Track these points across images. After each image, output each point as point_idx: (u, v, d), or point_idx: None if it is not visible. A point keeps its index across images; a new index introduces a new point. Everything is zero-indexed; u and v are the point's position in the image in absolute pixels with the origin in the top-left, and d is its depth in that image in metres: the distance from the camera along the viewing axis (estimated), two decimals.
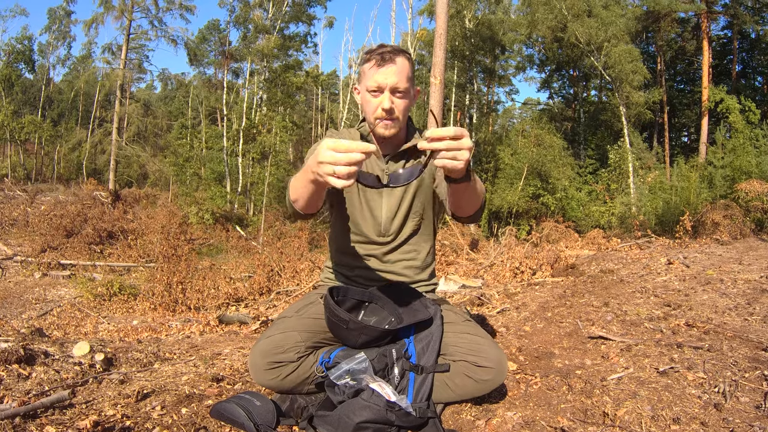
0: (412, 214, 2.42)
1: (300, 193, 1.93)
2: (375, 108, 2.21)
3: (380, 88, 2.18)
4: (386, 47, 2.21)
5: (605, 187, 26.72)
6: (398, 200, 2.39)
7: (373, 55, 2.20)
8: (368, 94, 2.22)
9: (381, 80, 2.16)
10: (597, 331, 3.32)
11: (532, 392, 2.40)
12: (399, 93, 2.20)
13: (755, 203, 12.66)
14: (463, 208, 2.08)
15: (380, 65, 2.17)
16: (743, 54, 35.00)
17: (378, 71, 2.17)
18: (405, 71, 2.20)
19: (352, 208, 2.42)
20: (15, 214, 18.96)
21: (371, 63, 2.20)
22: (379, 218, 2.40)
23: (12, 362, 2.68)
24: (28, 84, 45.56)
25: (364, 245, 2.45)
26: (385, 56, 2.17)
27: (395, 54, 2.19)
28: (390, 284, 2.38)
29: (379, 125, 2.24)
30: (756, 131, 18.57)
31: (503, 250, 9.79)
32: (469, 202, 2.02)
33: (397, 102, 2.21)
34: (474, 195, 1.98)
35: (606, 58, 28.45)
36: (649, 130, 34.90)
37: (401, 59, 2.19)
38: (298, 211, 2.04)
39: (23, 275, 12.34)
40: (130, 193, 26.30)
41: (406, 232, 2.44)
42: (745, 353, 2.70)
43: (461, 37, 30.66)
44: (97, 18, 32.33)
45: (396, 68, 2.17)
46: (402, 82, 2.19)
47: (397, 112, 2.22)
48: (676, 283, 4.88)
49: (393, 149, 2.37)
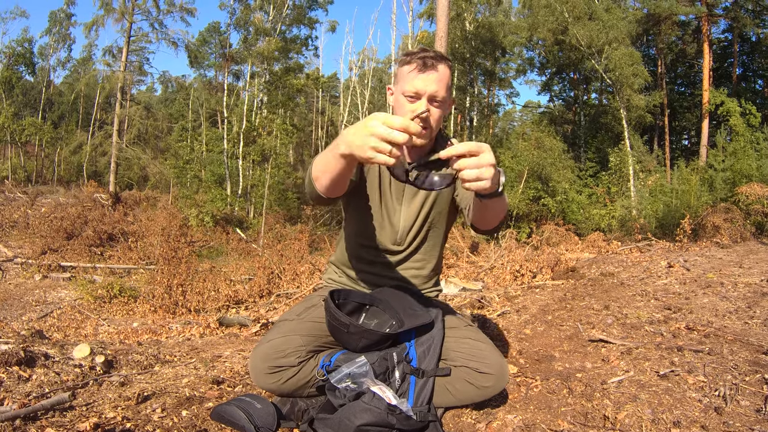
0: (427, 225, 2.39)
1: (327, 171, 1.85)
2: (410, 113, 2.11)
3: (418, 95, 2.12)
4: (429, 52, 2.14)
5: (605, 190, 26.69)
6: (417, 210, 2.36)
7: (414, 58, 2.13)
8: (403, 98, 2.16)
9: (420, 87, 2.10)
10: (597, 334, 3.32)
11: (533, 395, 2.40)
12: (437, 102, 2.14)
13: (756, 207, 12.67)
14: (487, 222, 2.05)
15: (421, 71, 2.10)
16: (744, 57, 35.00)
17: (418, 77, 2.10)
18: (446, 80, 2.14)
19: (368, 215, 2.38)
20: (15, 216, 18.95)
21: (412, 66, 2.13)
22: (396, 226, 2.37)
23: (12, 364, 2.69)
24: (28, 86, 45.58)
25: (376, 251, 2.43)
26: (428, 62, 2.10)
27: (438, 61, 2.12)
28: (392, 287, 2.37)
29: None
30: (757, 134, 18.61)
31: (503, 253, 9.79)
32: (494, 216, 2.00)
33: (433, 111, 2.15)
34: (500, 210, 1.96)
35: (607, 61, 28.47)
36: (649, 133, 34.92)
37: (443, 67, 2.13)
38: (320, 192, 1.95)
39: (23, 277, 12.34)
40: (130, 196, 26.28)
41: (418, 241, 2.42)
42: (745, 357, 2.70)
43: (462, 40, 30.68)
44: (98, 20, 32.39)
45: (437, 76, 2.11)
46: (441, 91, 2.13)
47: (432, 121, 2.16)
48: (677, 286, 4.88)
49: (419, 157, 2.28)
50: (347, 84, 38.29)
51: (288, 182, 30.63)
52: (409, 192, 2.34)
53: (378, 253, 2.42)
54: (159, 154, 38.74)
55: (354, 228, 2.45)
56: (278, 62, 32.21)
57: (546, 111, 40.79)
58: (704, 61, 30.53)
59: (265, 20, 31.48)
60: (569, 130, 37.05)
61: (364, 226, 2.40)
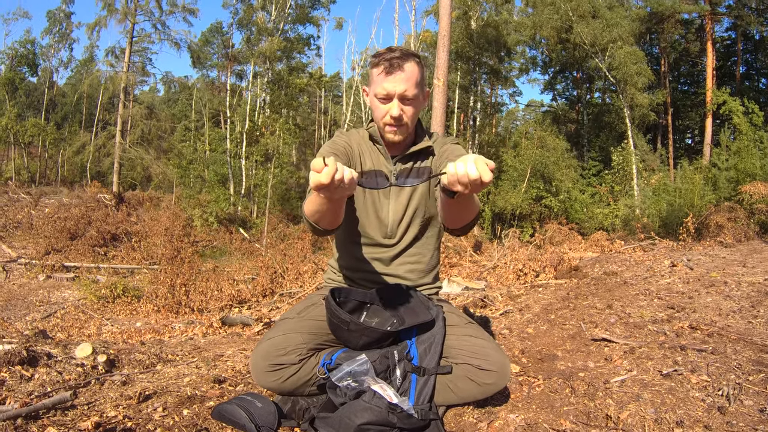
0: (418, 218, 2.40)
1: (321, 213, 1.89)
2: (383, 114, 2.20)
3: (389, 96, 2.16)
4: (395, 52, 2.18)
5: (609, 189, 26.67)
6: (405, 203, 2.38)
7: (381, 60, 2.17)
8: (377, 100, 2.21)
9: (390, 88, 2.15)
10: (600, 334, 3.30)
11: (535, 394, 2.40)
12: (408, 100, 2.18)
13: (759, 206, 12.63)
14: (454, 221, 2.05)
15: (389, 73, 2.14)
16: (747, 55, 34.93)
17: (386, 79, 2.15)
18: (414, 78, 2.17)
19: (358, 212, 2.41)
20: (19, 217, 19.02)
21: (379, 69, 2.17)
22: (385, 220, 2.38)
23: (15, 364, 2.69)
24: (31, 87, 45.65)
25: (370, 247, 2.44)
26: (394, 63, 2.14)
27: (403, 60, 2.15)
28: (392, 286, 2.37)
29: (388, 131, 2.23)
30: (760, 133, 18.54)
31: (506, 252, 9.77)
32: (461, 216, 2.00)
33: (406, 108, 2.20)
34: (468, 211, 1.97)
35: (610, 59, 28.47)
36: (652, 131, 34.92)
37: (410, 65, 2.16)
38: (325, 229, 2.01)
39: (27, 277, 12.37)
40: (133, 196, 26.32)
41: (411, 235, 2.42)
42: (749, 356, 2.68)
43: (466, 39, 30.64)
44: (100, 21, 32.45)
45: (404, 75, 2.14)
46: (410, 90, 2.16)
47: (405, 118, 2.21)
48: (680, 285, 4.86)
49: (401, 151, 2.36)
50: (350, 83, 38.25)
51: (291, 182, 30.68)
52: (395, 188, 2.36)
53: (372, 250, 2.43)
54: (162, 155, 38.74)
55: (346, 228, 2.44)
56: (281, 62, 32.23)
57: (549, 110, 40.79)
58: (707, 60, 30.49)
59: (267, 20, 31.52)
60: (572, 129, 37.05)
61: (355, 224, 2.43)
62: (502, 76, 35.72)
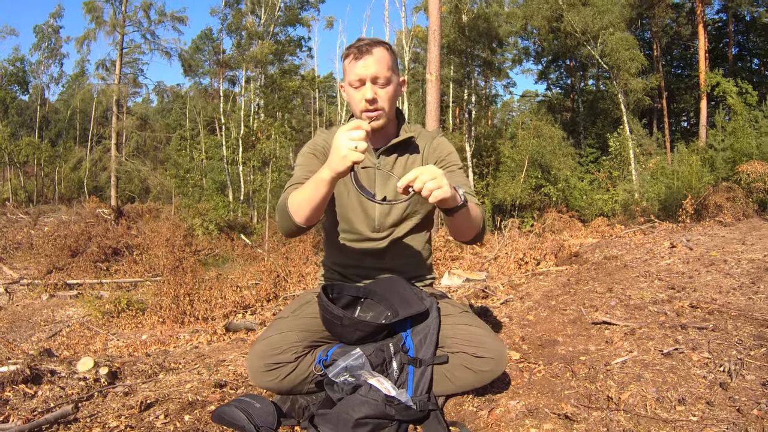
0: (408, 211, 2.40)
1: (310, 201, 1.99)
2: (359, 101, 2.20)
3: (362, 81, 2.17)
4: (363, 40, 2.21)
5: (607, 175, 26.69)
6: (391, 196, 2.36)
7: (351, 50, 2.20)
8: (351, 89, 2.22)
9: (361, 72, 2.16)
10: (601, 317, 3.29)
11: (536, 380, 2.39)
12: (380, 82, 2.19)
13: (757, 184, 12.66)
14: (461, 234, 2.09)
15: (357, 58, 2.16)
16: (739, 37, 34.98)
17: (356, 64, 2.16)
18: (384, 60, 2.19)
19: (344, 208, 2.41)
20: (19, 238, 19.02)
21: (350, 58, 2.19)
22: (372, 214, 2.38)
23: (18, 383, 2.69)
24: (23, 106, 45.70)
25: (359, 243, 2.43)
26: (362, 48, 2.16)
27: (372, 45, 2.18)
28: (385, 279, 2.36)
29: (366, 118, 2.21)
30: (755, 113, 18.58)
31: (507, 242, 9.78)
32: (465, 229, 2.04)
33: (380, 92, 2.20)
34: (469, 222, 2.00)
35: (602, 46, 28.48)
36: (648, 116, 34.93)
37: (378, 49, 2.18)
38: (301, 225, 2.08)
39: (30, 298, 12.35)
40: (132, 209, 26.35)
41: (400, 227, 2.42)
42: (750, 331, 2.68)
43: (458, 32, 30.64)
44: (89, 34, 32.40)
45: (374, 58, 2.16)
46: (382, 71, 2.17)
47: (381, 101, 2.21)
48: (680, 265, 4.85)
49: (384, 142, 2.36)
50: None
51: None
52: (381, 179, 2.37)
53: (362, 245, 2.43)
54: (159, 165, 38.78)
55: (332, 225, 2.48)
56: (273, 65, 32.24)
57: (544, 99, 40.79)
58: (699, 43, 30.44)
59: (257, 24, 31.53)
60: (568, 118, 37.08)
61: (341, 221, 2.44)
62: (496, 68, 35.73)
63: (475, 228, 2.06)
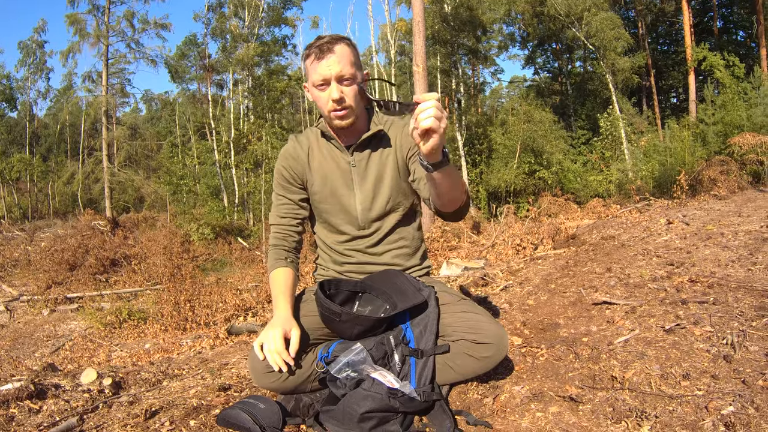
0: (390, 204, 2.39)
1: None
2: (326, 101, 2.19)
3: (326, 81, 2.15)
4: (323, 38, 2.18)
5: (600, 155, 26.75)
6: (371, 191, 2.36)
7: (311, 49, 2.17)
8: (316, 90, 2.20)
9: (325, 72, 2.13)
10: (601, 297, 3.30)
11: (539, 364, 2.39)
12: (346, 80, 2.17)
13: (750, 156, 12.69)
14: (445, 201, 2.02)
15: (320, 58, 2.13)
16: (723, 10, 35.02)
17: (319, 64, 2.14)
18: (346, 57, 2.16)
19: (325, 213, 2.43)
20: (16, 255, 18.93)
21: (311, 58, 2.17)
22: (354, 212, 2.38)
23: (23, 399, 2.68)
24: (12, 123, 45.56)
25: (348, 242, 2.44)
26: (323, 47, 2.14)
27: (333, 43, 2.15)
28: (381, 272, 2.36)
29: (334, 117, 2.22)
30: (743, 85, 18.62)
31: (504, 228, 9.79)
32: (450, 191, 1.97)
33: (346, 90, 2.18)
34: (454, 184, 1.94)
35: (587, 27, 28.47)
36: (637, 94, 34.97)
37: (340, 46, 2.16)
38: None
39: (31, 314, 12.31)
40: (128, 219, 26.24)
41: (388, 223, 2.41)
42: (750, 302, 2.68)
43: (442, 22, 30.59)
44: (74, 47, 32.21)
45: (336, 57, 2.13)
46: (346, 69, 2.15)
47: (348, 100, 2.19)
48: (677, 241, 4.86)
49: (355, 138, 2.35)
50: None
51: None
52: (357, 176, 2.36)
53: (351, 244, 2.44)
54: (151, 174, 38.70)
55: (320, 228, 2.51)
56: (259, 67, 32.17)
57: (532, 84, 40.84)
58: (684, 18, 30.46)
59: (241, 26, 31.44)
60: (557, 101, 37.12)
61: (325, 222, 2.47)
62: (482, 55, 35.67)
63: (460, 196, 2.01)
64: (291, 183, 2.41)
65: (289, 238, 2.43)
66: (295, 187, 2.42)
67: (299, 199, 2.44)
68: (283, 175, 2.42)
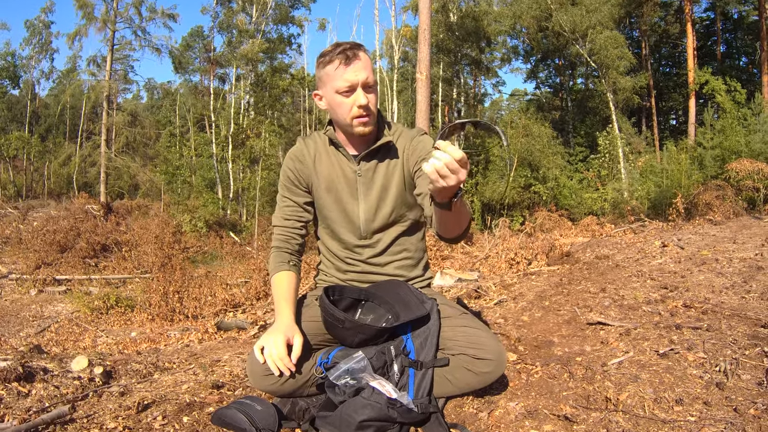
0: (393, 216, 2.38)
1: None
2: (350, 108, 2.17)
3: (353, 87, 2.14)
4: (344, 44, 2.17)
5: (596, 173, 26.79)
6: (375, 201, 2.36)
7: (334, 55, 2.14)
8: (339, 96, 2.17)
9: (352, 78, 2.12)
10: (595, 317, 3.31)
11: (534, 381, 2.40)
12: (370, 87, 2.18)
13: (746, 182, 12.73)
14: (449, 230, 2.01)
15: (347, 64, 2.12)
16: (727, 35, 35.29)
17: (346, 70, 2.12)
18: (370, 65, 2.18)
19: (328, 220, 2.43)
20: (8, 232, 18.83)
21: (336, 64, 2.14)
22: (357, 222, 2.38)
23: (11, 380, 2.66)
24: (13, 100, 45.39)
25: (349, 251, 2.44)
26: (349, 54, 2.12)
27: (356, 49, 2.15)
28: (385, 282, 2.36)
29: (358, 124, 2.21)
30: (743, 111, 18.69)
31: (498, 241, 9.79)
32: (454, 225, 1.97)
33: (370, 97, 2.19)
34: (459, 221, 1.94)
35: (591, 45, 28.58)
36: (637, 114, 35.14)
37: (363, 53, 2.17)
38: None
39: (19, 293, 12.23)
40: (121, 205, 26.08)
41: (388, 232, 2.41)
42: (744, 331, 2.70)
43: (446, 31, 30.66)
44: (80, 30, 32.24)
45: (362, 63, 2.14)
46: (371, 76, 2.17)
47: (371, 107, 2.20)
48: (672, 265, 4.88)
49: (364, 148, 2.33)
50: None
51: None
52: (363, 186, 2.35)
53: (352, 253, 2.45)
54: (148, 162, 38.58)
55: (322, 234, 2.51)
56: (263, 63, 32.14)
57: (533, 98, 40.95)
58: (688, 41, 30.63)
59: (248, 22, 31.42)
60: (557, 116, 37.19)
61: (328, 231, 2.47)
62: (484, 67, 35.77)
63: (465, 224, 2.00)
64: (296, 185, 2.41)
65: (292, 241, 2.42)
66: (300, 189, 2.42)
67: (304, 202, 2.43)
68: (289, 177, 2.41)
